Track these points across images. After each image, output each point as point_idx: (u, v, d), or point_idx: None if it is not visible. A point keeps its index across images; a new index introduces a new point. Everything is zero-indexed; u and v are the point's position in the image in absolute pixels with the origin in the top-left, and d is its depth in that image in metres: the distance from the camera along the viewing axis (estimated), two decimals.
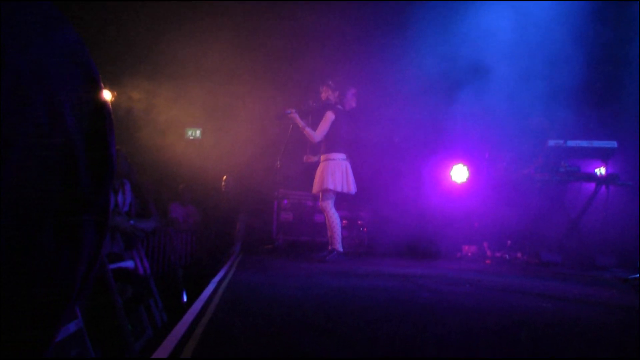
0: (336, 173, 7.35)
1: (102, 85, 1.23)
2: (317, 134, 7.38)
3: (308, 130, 7.41)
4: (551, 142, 7.91)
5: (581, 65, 8.14)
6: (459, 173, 9.25)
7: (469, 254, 8.44)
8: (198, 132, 11.54)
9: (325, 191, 7.40)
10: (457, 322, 3.21)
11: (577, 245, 7.93)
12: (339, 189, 7.33)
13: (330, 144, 7.43)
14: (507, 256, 8.18)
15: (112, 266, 5.14)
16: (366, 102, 9.11)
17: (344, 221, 9.70)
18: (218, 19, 9.79)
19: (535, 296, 4.48)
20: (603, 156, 7.91)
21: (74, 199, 1.08)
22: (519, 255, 8.20)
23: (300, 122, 7.44)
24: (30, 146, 0.99)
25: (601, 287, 5.51)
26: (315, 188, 7.53)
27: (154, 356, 2.15)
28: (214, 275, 5.03)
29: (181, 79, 10.28)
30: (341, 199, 9.84)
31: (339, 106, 7.52)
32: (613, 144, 7.77)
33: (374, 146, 9.26)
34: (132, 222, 6.08)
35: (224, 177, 10.09)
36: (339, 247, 7.33)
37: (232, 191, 9.95)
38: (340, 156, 7.40)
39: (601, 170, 7.92)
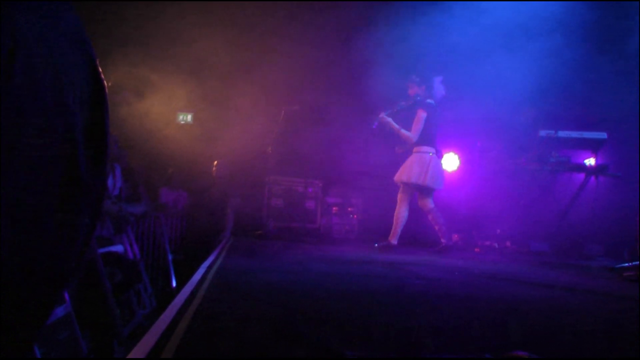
0: (414, 166, 7.26)
1: (100, 69, 1.22)
2: (413, 135, 7.31)
3: (403, 132, 7.36)
4: (542, 133, 7.94)
5: (573, 57, 8.16)
6: (450, 162, 9.26)
7: (459, 242, 8.46)
8: (189, 117, 11.47)
9: (402, 183, 7.39)
10: (448, 309, 3.22)
11: (566, 234, 7.97)
12: (412, 180, 7.23)
13: (421, 138, 7.33)
14: (496, 245, 8.21)
15: (102, 250, 5.12)
16: (357, 88, 9.11)
17: (334, 208, 9.70)
18: (211, 3, 9.72)
19: (523, 284, 4.51)
20: (593, 147, 7.95)
21: (74, 184, 1.07)
22: (508, 243, 8.23)
23: (395, 126, 7.38)
24: (38, 128, 0.98)
25: (589, 276, 5.56)
26: (396, 178, 7.50)
27: (139, 344, 2.13)
28: (204, 260, 5.01)
29: (173, 63, 10.20)
30: (333, 185, 9.87)
31: (429, 100, 7.37)
32: (603, 135, 7.81)
33: (364, 134, 9.24)
34: (122, 206, 6.06)
35: (215, 162, 10.06)
36: (394, 240, 7.33)
37: (222, 176, 9.92)
38: (427, 149, 7.30)
39: (591, 161, 7.95)
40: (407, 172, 7.26)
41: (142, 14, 9.80)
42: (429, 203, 7.40)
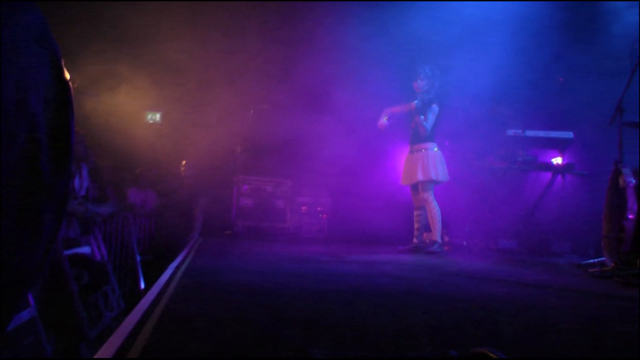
0: (438, 164, 7.20)
1: (65, 69, 1.20)
2: (429, 126, 7.22)
3: (424, 124, 7.21)
4: (510, 132, 8.01)
5: (541, 57, 8.26)
6: None
7: (427, 240, 8.50)
8: (158, 116, 11.38)
9: (429, 182, 7.21)
10: (414, 306, 3.24)
11: (533, 232, 8.07)
12: (441, 178, 7.19)
13: (430, 134, 7.25)
14: (465, 243, 8.27)
15: (68, 252, 5.06)
16: (327, 88, 9.11)
17: (303, 207, 9.70)
18: (180, 3, 9.64)
19: (491, 281, 4.55)
20: (560, 146, 8.04)
21: (35, 185, 1.06)
22: (477, 241, 8.29)
23: (420, 117, 7.23)
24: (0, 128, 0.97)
25: (556, 273, 5.63)
26: (413, 179, 7.32)
27: (105, 344, 2.11)
28: (172, 260, 4.98)
29: (142, 62, 10.11)
30: (302, 184, 9.86)
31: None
32: (569, 134, 7.90)
33: (334, 133, 9.24)
34: (89, 206, 6.00)
35: (184, 162, 10.00)
36: (439, 238, 7.17)
37: (191, 176, 9.86)
38: (434, 145, 7.28)
39: (558, 160, 8.06)
40: (433, 171, 7.14)
41: (110, 13, 9.69)
42: (429, 197, 7.24)
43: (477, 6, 8.71)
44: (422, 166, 7.18)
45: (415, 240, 7.39)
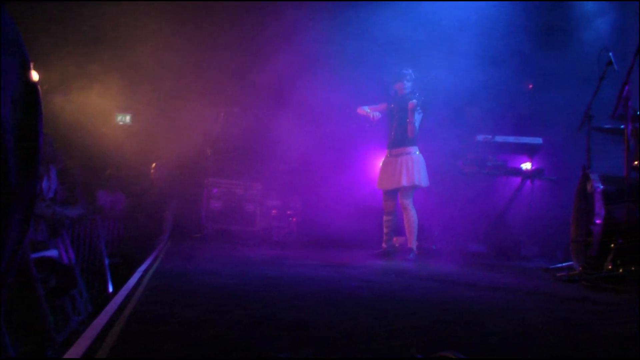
0: (421, 169, 6.97)
1: (34, 71, 1.19)
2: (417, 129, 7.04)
3: (414, 126, 7.02)
4: (480, 137, 8.08)
5: (510, 63, 8.33)
6: None
7: (397, 245, 8.52)
8: (128, 118, 11.27)
9: (411, 188, 6.98)
10: (381, 310, 3.25)
11: (502, 236, 8.14)
12: (423, 184, 6.97)
13: (414, 137, 7.03)
14: (434, 246, 8.30)
15: (35, 255, 4.99)
16: (299, 92, 9.10)
17: (273, 211, 9.67)
18: (151, 4, 9.57)
19: (459, 285, 4.58)
20: (529, 152, 8.13)
21: (2, 187, 1.04)
22: (446, 245, 8.33)
23: (413, 118, 7.00)
24: None
25: (524, 276, 5.70)
26: (394, 184, 7.04)
27: (72, 347, 2.09)
28: (141, 264, 4.95)
29: (113, 63, 10.00)
30: (272, 187, 9.85)
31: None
32: (538, 140, 7.99)
33: (304, 136, 9.23)
34: (57, 208, 5.92)
35: (154, 164, 9.92)
36: (415, 246, 6.97)
37: (161, 178, 9.79)
38: (417, 149, 7.06)
39: (527, 165, 8.15)
40: (417, 176, 6.91)
41: (83, 13, 9.60)
42: (409, 203, 7.03)
43: (446, 7, 8.76)
44: (407, 171, 6.93)
45: (384, 245, 7.22)
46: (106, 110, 10.68)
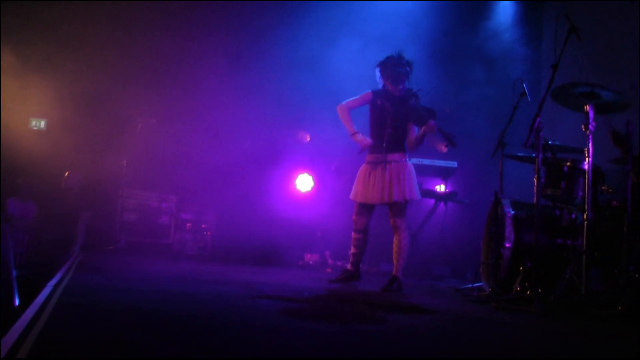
0: (414, 179, 6.13)
1: None
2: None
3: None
4: None
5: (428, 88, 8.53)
6: (304, 182, 9.36)
7: (311, 262, 8.56)
8: (43, 123, 10.90)
9: (405, 204, 6.06)
10: (291, 329, 3.26)
11: (415, 256, 8.28)
12: (416, 197, 6.06)
13: (405, 143, 6.24)
14: (348, 265, 8.38)
15: None
16: (216, 102, 9.08)
17: (188, 224, 9.56)
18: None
19: (369, 305, 4.61)
20: (444, 175, 8.31)
21: None
22: (361, 265, 8.41)
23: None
24: None
25: (435, 296, 5.83)
26: (384, 198, 5.96)
27: None
28: (52, 277, 4.81)
29: (29, 65, 9.69)
30: (187, 200, 9.73)
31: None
32: (453, 164, 8.18)
33: (221, 151, 9.18)
34: None
35: (66, 173, 9.66)
36: (401, 274, 5.98)
37: (74, 188, 9.55)
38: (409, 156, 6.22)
39: (441, 188, 8.34)
40: (415, 188, 6.08)
41: None
42: (403, 223, 6.09)
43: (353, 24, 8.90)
44: (400, 182, 5.96)
45: (350, 266, 6.41)
46: (19, 114, 10.32)
